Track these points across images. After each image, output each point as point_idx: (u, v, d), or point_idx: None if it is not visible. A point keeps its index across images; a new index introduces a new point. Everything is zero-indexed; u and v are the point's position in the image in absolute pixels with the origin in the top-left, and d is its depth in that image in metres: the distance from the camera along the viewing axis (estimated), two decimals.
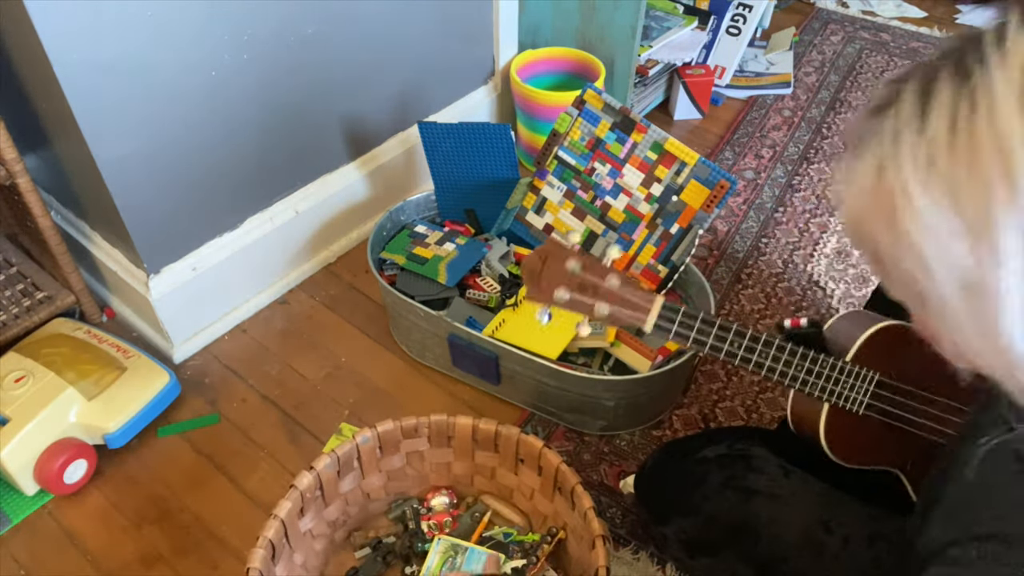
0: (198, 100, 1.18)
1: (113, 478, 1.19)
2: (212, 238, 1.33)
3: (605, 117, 1.32)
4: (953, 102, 0.44)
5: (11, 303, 1.30)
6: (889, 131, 0.47)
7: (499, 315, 1.26)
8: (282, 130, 1.33)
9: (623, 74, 1.71)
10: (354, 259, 1.55)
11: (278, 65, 1.26)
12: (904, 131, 0.46)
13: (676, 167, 1.28)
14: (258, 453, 1.23)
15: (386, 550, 1.06)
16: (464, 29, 1.57)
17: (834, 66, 2.11)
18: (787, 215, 1.65)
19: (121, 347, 1.25)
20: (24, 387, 1.14)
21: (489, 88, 1.72)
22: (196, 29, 1.12)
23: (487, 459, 1.09)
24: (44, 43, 0.97)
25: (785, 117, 1.92)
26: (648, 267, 1.32)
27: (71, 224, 1.37)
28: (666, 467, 1.03)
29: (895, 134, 0.47)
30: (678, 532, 0.98)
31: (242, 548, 1.11)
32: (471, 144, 1.37)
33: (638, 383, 1.16)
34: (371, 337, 1.40)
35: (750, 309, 1.45)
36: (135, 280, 1.28)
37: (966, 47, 0.46)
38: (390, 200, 1.57)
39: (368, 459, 1.06)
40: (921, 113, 0.46)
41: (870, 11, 2.36)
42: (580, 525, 0.98)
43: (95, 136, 1.08)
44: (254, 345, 1.39)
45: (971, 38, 0.46)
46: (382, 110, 1.50)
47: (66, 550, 1.11)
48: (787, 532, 0.90)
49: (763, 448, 0.97)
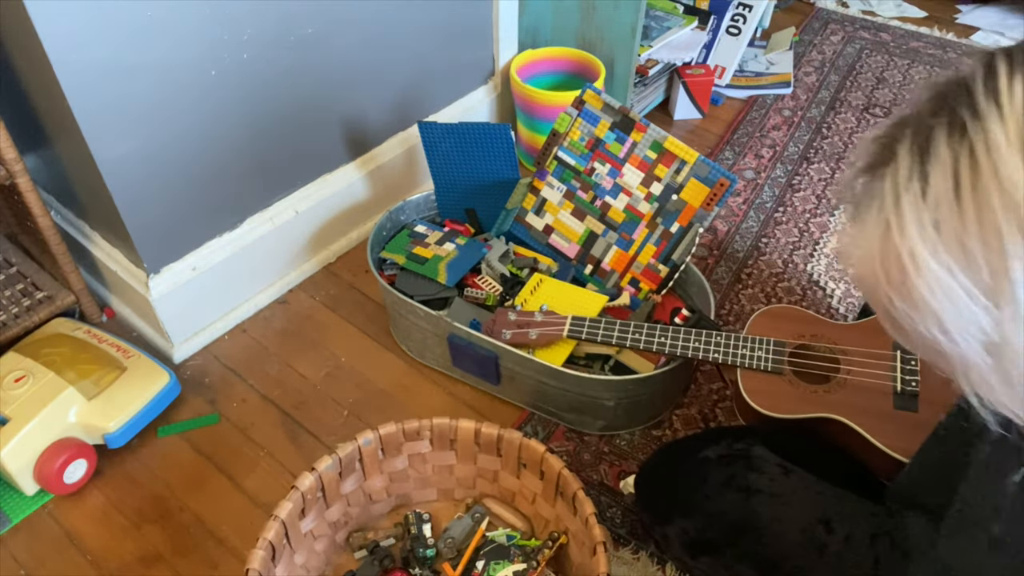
0: (198, 100, 1.18)
1: (113, 478, 1.19)
2: (212, 238, 1.33)
3: (605, 117, 1.32)
4: (953, 160, 0.43)
5: (11, 303, 1.30)
6: (889, 194, 0.46)
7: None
8: (282, 130, 1.33)
9: (623, 74, 1.71)
10: (354, 259, 1.55)
11: (278, 65, 1.26)
12: (905, 195, 0.45)
13: (676, 166, 1.28)
14: (258, 453, 1.23)
15: (383, 554, 1.06)
16: (464, 29, 1.57)
17: (834, 66, 2.11)
18: (787, 215, 1.65)
19: (121, 347, 1.25)
20: (24, 387, 1.14)
21: (489, 88, 1.72)
22: (196, 29, 1.12)
23: (489, 463, 1.09)
24: (44, 43, 0.97)
25: (785, 117, 1.92)
26: (648, 266, 1.32)
27: (71, 224, 1.37)
28: (666, 467, 1.03)
29: (895, 198, 0.45)
30: (679, 532, 0.98)
31: (242, 548, 1.11)
32: (471, 144, 1.37)
33: (638, 383, 1.16)
34: (371, 337, 1.40)
35: (750, 309, 1.44)
36: (135, 280, 1.28)
37: (957, 98, 0.44)
38: (390, 200, 1.57)
39: (370, 461, 1.05)
40: (921, 174, 0.44)
41: (870, 11, 2.36)
42: (581, 531, 0.97)
43: (95, 136, 1.08)
44: (254, 345, 1.39)
45: (959, 86, 0.44)
46: (382, 110, 1.50)
47: (66, 550, 1.11)
48: (788, 531, 0.90)
49: (763, 447, 0.97)
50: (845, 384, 1.06)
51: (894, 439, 0.98)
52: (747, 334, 1.14)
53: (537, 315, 1.21)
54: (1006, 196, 0.41)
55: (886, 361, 1.06)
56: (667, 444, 1.10)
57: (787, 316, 1.16)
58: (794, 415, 1.05)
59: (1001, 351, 0.44)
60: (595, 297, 1.28)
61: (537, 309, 1.23)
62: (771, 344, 1.11)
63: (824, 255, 1.56)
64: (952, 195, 0.43)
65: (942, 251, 0.44)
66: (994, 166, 0.42)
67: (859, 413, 1.02)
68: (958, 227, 0.43)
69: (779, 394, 1.07)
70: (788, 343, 1.11)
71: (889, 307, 0.48)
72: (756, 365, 1.10)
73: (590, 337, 1.18)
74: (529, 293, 1.28)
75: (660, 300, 1.31)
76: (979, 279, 0.43)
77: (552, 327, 1.19)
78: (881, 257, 0.47)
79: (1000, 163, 0.41)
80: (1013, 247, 0.42)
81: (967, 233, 0.43)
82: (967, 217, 0.43)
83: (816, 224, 1.63)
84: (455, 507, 1.14)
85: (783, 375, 1.09)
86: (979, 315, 0.44)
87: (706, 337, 1.13)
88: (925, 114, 0.45)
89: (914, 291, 0.45)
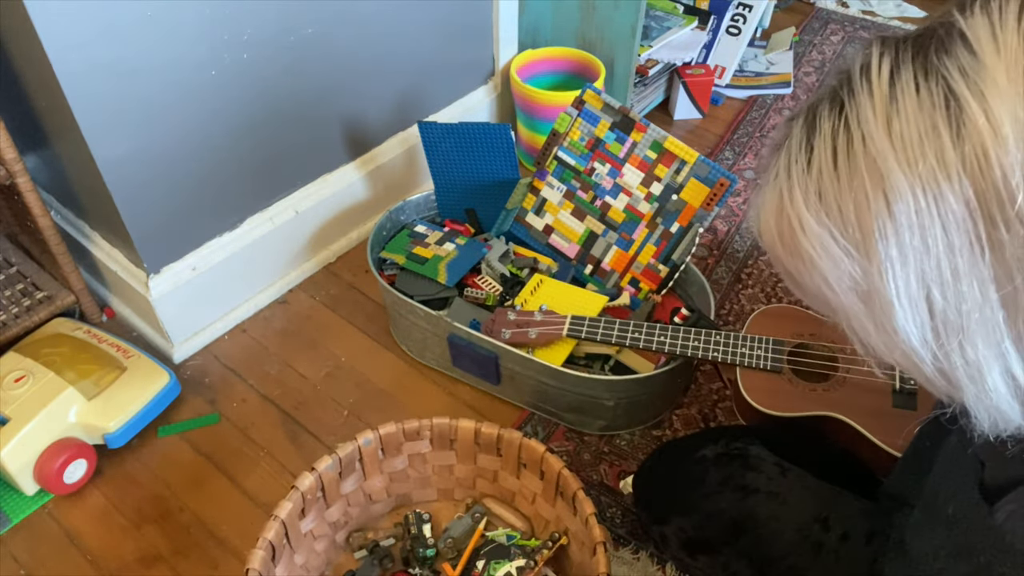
0: (198, 100, 1.18)
1: (113, 478, 1.19)
2: (212, 238, 1.33)
3: (604, 117, 1.32)
4: (832, 133, 0.50)
5: (11, 303, 1.30)
6: (783, 167, 0.53)
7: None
8: (282, 130, 1.33)
9: (623, 74, 1.71)
10: (354, 259, 1.55)
11: (278, 65, 1.26)
12: (794, 167, 0.52)
13: (676, 166, 1.28)
14: (258, 453, 1.23)
15: (383, 553, 1.06)
16: (464, 29, 1.57)
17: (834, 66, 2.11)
18: None
19: (121, 347, 1.25)
20: (24, 387, 1.14)
21: (489, 88, 1.72)
22: (196, 29, 1.12)
23: (489, 462, 1.09)
24: (44, 43, 0.97)
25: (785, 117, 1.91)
26: (648, 266, 1.32)
27: (71, 224, 1.37)
28: (664, 467, 1.04)
29: (787, 170, 0.52)
30: (677, 531, 0.98)
31: (242, 548, 1.11)
32: (471, 144, 1.37)
33: (638, 383, 1.16)
34: (371, 337, 1.40)
35: (750, 309, 1.44)
36: (135, 280, 1.28)
37: (840, 80, 0.51)
38: (390, 200, 1.57)
39: (370, 460, 1.06)
40: (807, 147, 0.51)
41: (870, 11, 2.36)
42: (581, 531, 0.98)
43: (95, 136, 1.08)
44: (254, 345, 1.39)
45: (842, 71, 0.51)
46: (382, 110, 1.50)
47: (66, 550, 1.11)
48: (785, 530, 0.90)
49: (760, 447, 0.97)
50: (844, 382, 1.07)
51: (893, 437, 0.98)
52: (746, 333, 1.14)
53: (537, 315, 1.21)
54: (871, 162, 0.47)
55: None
56: (665, 444, 1.10)
57: (786, 315, 1.17)
58: (793, 413, 1.05)
59: (873, 299, 0.50)
60: (595, 298, 1.28)
61: (537, 309, 1.23)
62: (770, 343, 1.11)
63: None
64: (831, 164, 0.50)
65: (824, 216, 0.50)
66: (863, 136, 0.48)
67: (858, 411, 1.02)
68: (836, 192, 0.50)
69: (778, 392, 1.07)
70: (787, 342, 1.11)
71: (786, 265, 0.55)
72: (755, 364, 1.10)
73: (590, 336, 1.18)
74: (529, 294, 1.29)
75: (660, 300, 1.32)
76: (851, 237, 0.49)
77: (551, 326, 1.19)
78: (776, 222, 0.53)
79: (868, 134, 0.48)
80: (876, 207, 0.47)
81: (842, 197, 0.49)
82: (842, 183, 0.49)
83: None
84: (455, 507, 1.14)
85: (782, 374, 1.09)
86: (854, 269, 0.50)
87: (705, 336, 1.13)
88: (817, 96, 0.53)
89: (802, 250, 0.52)
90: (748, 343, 1.11)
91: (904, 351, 0.51)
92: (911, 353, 0.51)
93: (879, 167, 0.47)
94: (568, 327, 1.19)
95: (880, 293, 0.49)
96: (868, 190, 0.48)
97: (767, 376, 1.09)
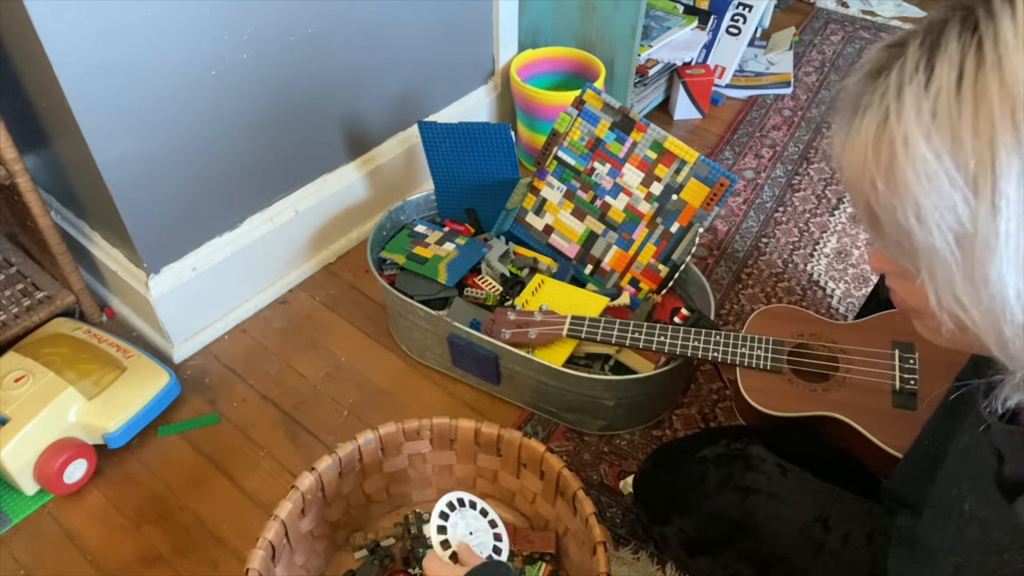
0: (198, 100, 1.18)
1: (113, 478, 1.19)
2: (212, 238, 1.33)
3: (604, 117, 1.32)
4: (961, 53, 0.45)
5: (11, 303, 1.30)
6: (894, 85, 0.48)
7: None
8: (282, 130, 1.33)
9: (623, 74, 1.71)
10: (354, 259, 1.55)
11: (278, 65, 1.26)
12: (908, 86, 0.47)
13: (676, 166, 1.28)
14: (258, 453, 1.23)
15: (383, 553, 1.06)
16: (464, 29, 1.57)
17: (834, 66, 2.11)
18: (787, 215, 1.65)
19: (121, 347, 1.25)
20: (24, 387, 1.14)
21: (489, 88, 1.72)
22: (196, 29, 1.12)
23: (489, 462, 1.09)
24: (44, 43, 0.97)
25: (785, 117, 1.92)
26: (648, 266, 1.32)
27: (71, 224, 1.37)
28: (664, 467, 1.03)
29: (899, 88, 0.48)
30: (677, 532, 0.98)
31: (242, 548, 1.11)
32: (471, 144, 1.37)
33: (638, 383, 1.16)
34: (371, 337, 1.40)
35: (750, 309, 1.44)
36: (135, 280, 1.28)
37: (974, 3, 0.46)
38: (390, 200, 1.57)
39: (370, 460, 1.05)
40: (927, 66, 0.47)
41: (870, 11, 2.36)
42: (581, 530, 0.98)
43: (95, 136, 1.08)
44: (254, 345, 1.39)
45: None
46: (382, 110, 1.50)
47: (66, 550, 1.11)
48: (786, 530, 0.90)
49: (760, 447, 0.97)
50: (844, 383, 1.06)
51: (893, 437, 0.98)
52: (746, 333, 1.14)
53: (536, 315, 1.21)
54: (1005, 89, 0.43)
55: (885, 360, 1.06)
56: (665, 444, 1.10)
57: (786, 316, 1.17)
58: (793, 413, 1.05)
59: (972, 243, 0.46)
60: (596, 299, 1.28)
61: (537, 309, 1.23)
62: (770, 343, 1.11)
63: (824, 255, 1.56)
64: (954, 86, 0.45)
65: (935, 136, 0.46)
66: (999, 59, 0.44)
67: (858, 411, 1.02)
68: (954, 116, 0.45)
69: (778, 393, 1.07)
70: (787, 342, 1.11)
71: (871, 194, 0.50)
72: (755, 364, 1.10)
73: (589, 336, 1.18)
74: (530, 294, 1.29)
75: (660, 300, 1.32)
76: (965, 167, 0.45)
77: (551, 327, 1.19)
78: (874, 143, 0.49)
79: (1005, 57, 0.44)
80: (1003, 137, 0.44)
81: (962, 122, 0.45)
82: (965, 107, 0.45)
83: (816, 224, 1.63)
84: None
85: (782, 374, 1.09)
86: (957, 203, 0.45)
87: (705, 336, 1.13)
88: (940, 15, 0.48)
89: (899, 174, 0.47)
90: (748, 343, 1.11)
91: (989, 306, 0.47)
92: (999, 308, 0.47)
93: (1012, 95, 0.43)
94: (568, 327, 1.19)
95: (983, 235, 0.45)
96: (996, 119, 0.44)
97: (767, 376, 1.09)
